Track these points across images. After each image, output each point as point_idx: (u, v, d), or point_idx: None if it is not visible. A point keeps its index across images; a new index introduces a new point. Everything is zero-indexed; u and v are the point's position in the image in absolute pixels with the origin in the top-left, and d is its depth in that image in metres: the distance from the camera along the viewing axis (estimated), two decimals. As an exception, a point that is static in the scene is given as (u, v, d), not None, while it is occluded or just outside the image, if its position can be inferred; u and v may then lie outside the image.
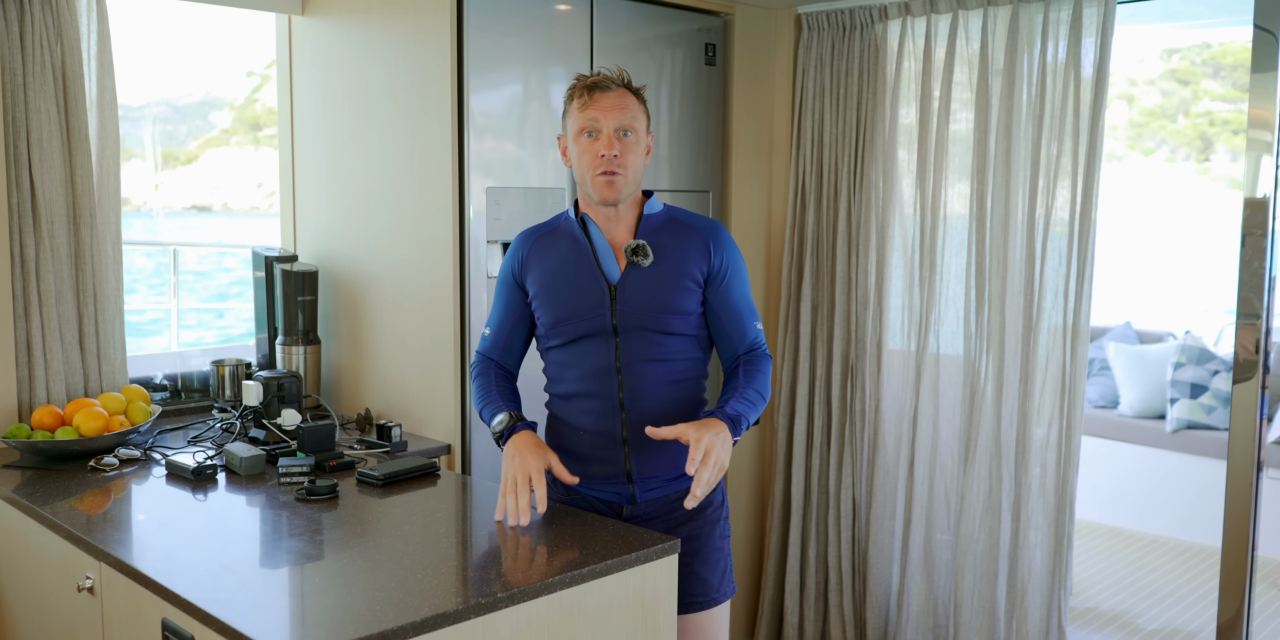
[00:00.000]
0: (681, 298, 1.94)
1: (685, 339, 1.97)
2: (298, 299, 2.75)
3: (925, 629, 2.97)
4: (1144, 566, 4.19)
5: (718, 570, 2.02)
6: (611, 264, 1.95)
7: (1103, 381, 5.18)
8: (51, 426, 2.31)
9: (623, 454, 1.96)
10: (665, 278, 1.93)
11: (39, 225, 2.39)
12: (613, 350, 1.94)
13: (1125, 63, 7.37)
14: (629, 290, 1.93)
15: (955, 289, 2.87)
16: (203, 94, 19.28)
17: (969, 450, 2.83)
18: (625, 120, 1.90)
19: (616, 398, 1.94)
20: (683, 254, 1.95)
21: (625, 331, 1.93)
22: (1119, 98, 7.75)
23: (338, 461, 2.24)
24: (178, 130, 21.09)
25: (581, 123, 1.90)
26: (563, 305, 1.95)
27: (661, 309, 1.93)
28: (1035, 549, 2.77)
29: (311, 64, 2.87)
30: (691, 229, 1.98)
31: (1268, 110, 2.40)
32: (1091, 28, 2.58)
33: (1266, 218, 2.42)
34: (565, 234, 2.00)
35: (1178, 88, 7.61)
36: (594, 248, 1.96)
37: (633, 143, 1.91)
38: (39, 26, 2.35)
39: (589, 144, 1.90)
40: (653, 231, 1.97)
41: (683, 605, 1.98)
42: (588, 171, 1.91)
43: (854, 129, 2.99)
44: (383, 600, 1.53)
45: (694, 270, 1.95)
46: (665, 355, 1.95)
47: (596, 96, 1.90)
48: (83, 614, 1.85)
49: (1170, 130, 7.94)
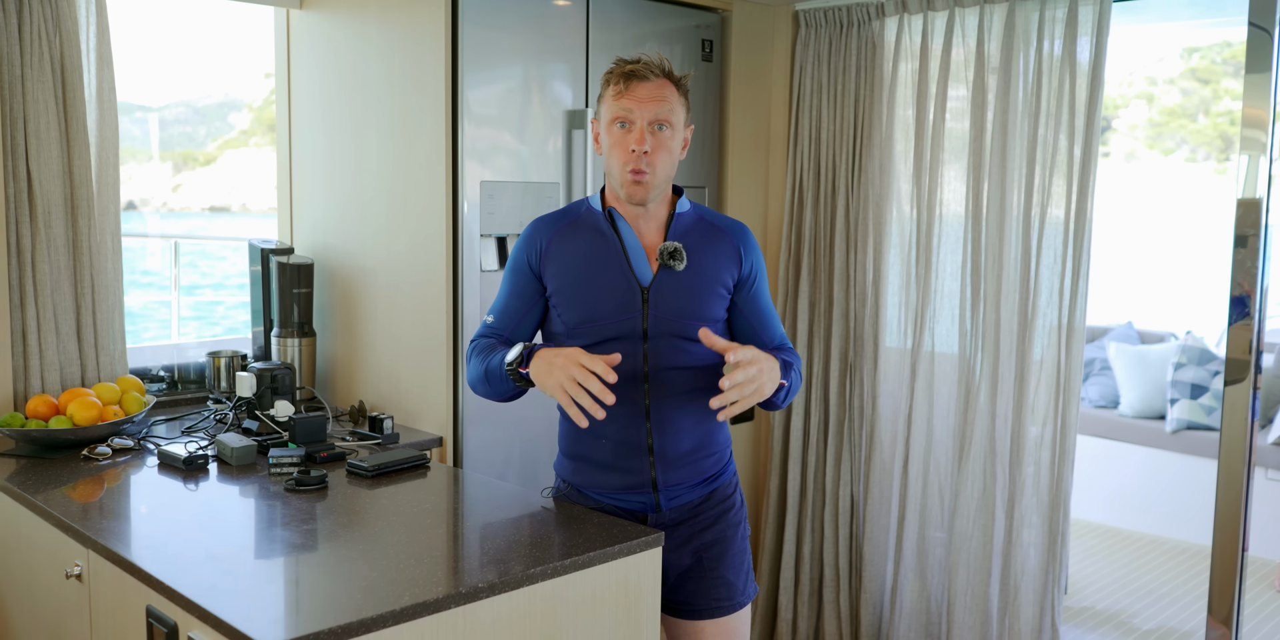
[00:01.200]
0: (713, 304, 1.88)
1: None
2: (293, 292, 2.77)
3: (919, 626, 2.98)
4: (1141, 566, 4.19)
5: (742, 572, 1.98)
6: (643, 264, 1.87)
7: (1103, 381, 5.17)
8: (46, 415, 2.33)
9: (648, 463, 1.89)
10: (698, 283, 1.86)
11: (35, 216, 2.41)
12: (640, 355, 1.85)
13: (1145, 62, 7.31)
14: (662, 294, 1.85)
15: (951, 286, 2.87)
16: (222, 95, 19.33)
17: (963, 448, 2.84)
18: (662, 112, 1.81)
19: (643, 404, 1.87)
20: (714, 258, 1.89)
21: (655, 337, 1.85)
22: (1139, 97, 7.70)
23: (329, 453, 2.25)
24: (196, 132, 21.14)
25: (615, 111, 1.81)
26: (591, 305, 1.85)
27: (693, 315, 1.86)
28: (1029, 547, 2.77)
29: (309, 58, 2.88)
30: (721, 231, 1.92)
31: (1262, 110, 2.39)
32: (1087, 25, 2.57)
33: (1260, 218, 2.41)
34: (589, 226, 1.90)
35: (1198, 87, 7.53)
36: (624, 246, 1.87)
37: (667, 137, 1.82)
38: (37, 19, 2.36)
39: (621, 135, 1.82)
40: (684, 232, 1.90)
41: (709, 610, 1.94)
42: (617, 165, 1.83)
43: (851, 126, 2.99)
44: (364, 589, 1.54)
45: (725, 276, 1.89)
46: (692, 362, 1.87)
47: (634, 85, 1.80)
48: (71, 601, 1.87)
49: (1190, 130, 7.86)
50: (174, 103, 20.50)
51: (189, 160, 22.41)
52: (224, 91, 19.51)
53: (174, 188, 22.05)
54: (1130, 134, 7.83)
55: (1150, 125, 7.92)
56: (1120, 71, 7.33)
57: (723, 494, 1.99)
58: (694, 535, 1.94)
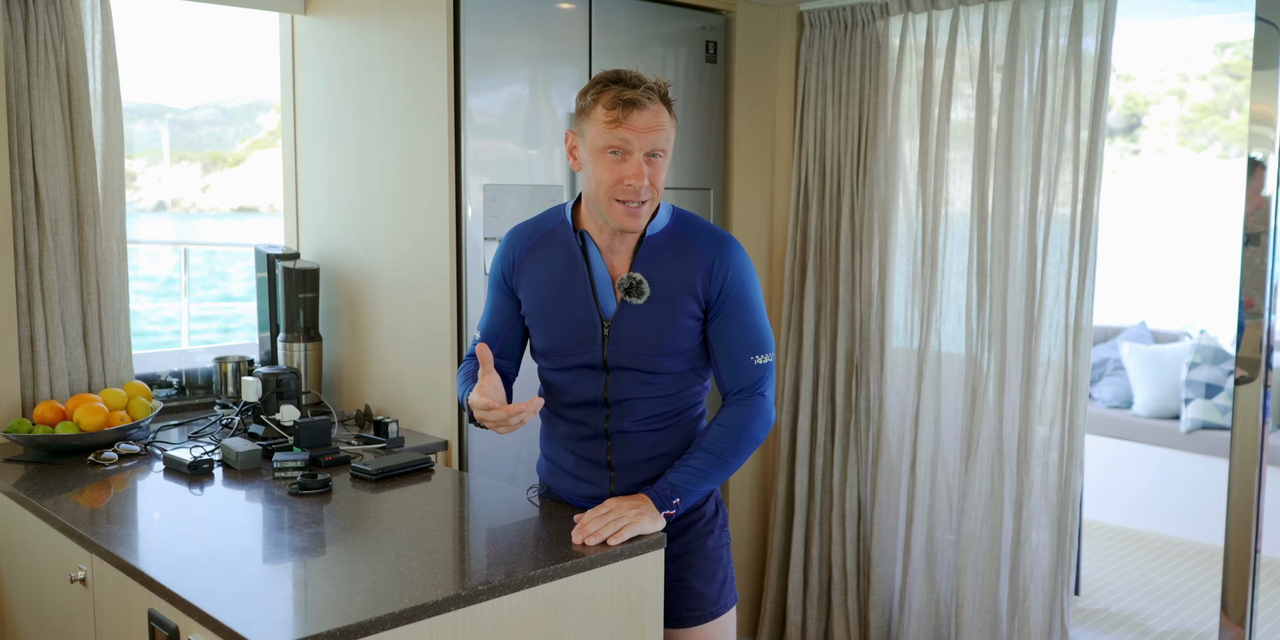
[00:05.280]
0: (677, 338, 1.82)
1: (676, 375, 1.87)
2: (299, 296, 2.77)
3: (928, 627, 2.96)
4: (1156, 568, 4.15)
5: (715, 582, 1.96)
6: (608, 295, 1.83)
7: (1117, 381, 5.14)
8: (52, 421, 2.34)
9: (608, 477, 1.92)
10: (660, 316, 1.81)
11: (42, 223, 2.42)
12: (602, 384, 1.86)
13: (1176, 58, 7.20)
14: (622, 329, 1.81)
15: (957, 287, 2.86)
16: (250, 97, 19.39)
17: (971, 449, 2.82)
18: (659, 142, 1.72)
19: (603, 428, 1.89)
20: (679, 285, 1.80)
21: (615, 369, 1.84)
22: (1170, 93, 7.61)
23: (333, 457, 2.25)
24: (225, 133, 21.25)
25: (609, 140, 1.71)
26: (553, 334, 1.85)
27: (656, 351, 1.82)
28: (1038, 548, 2.75)
29: (314, 63, 2.89)
30: (695, 249, 1.81)
31: (1270, 106, 2.37)
32: (1093, 23, 2.56)
33: (1269, 216, 2.39)
34: (561, 245, 1.85)
35: (1230, 83, 7.41)
36: (592, 275, 1.83)
37: (661, 165, 1.74)
38: (43, 26, 2.38)
39: (613, 163, 1.72)
40: (653, 254, 1.81)
41: (680, 620, 1.94)
42: (605, 193, 1.74)
43: (856, 126, 2.98)
44: (364, 592, 1.54)
45: (691, 304, 1.81)
46: (655, 392, 1.86)
47: (632, 114, 1.69)
48: (76, 605, 1.88)
49: (1223, 126, 7.74)
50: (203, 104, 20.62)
51: (218, 161, 22.51)
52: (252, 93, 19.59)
53: (203, 188, 22.18)
54: (1161, 131, 7.74)
55: (1182, 122, 7.82)
56: (1151, 68, 7.25)
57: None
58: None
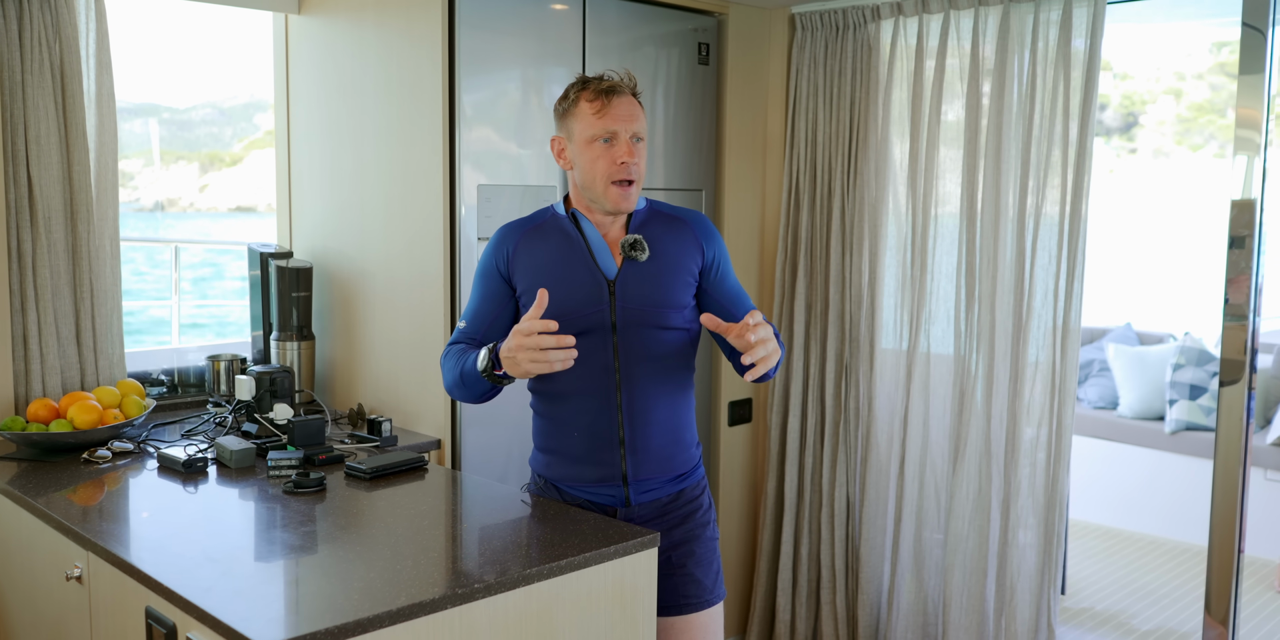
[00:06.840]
0: (680, 291, 1.95)
1: (680, 333, 1.96)
2: (292, 295, 2.78)
3: (915, 626, 2.99)
4: (1140, 567, 4.19)
5: (711, 571, 2.03)
6: (607, 259, 1.94)
7: (1102, 382, 5.18)
8: (46, 419, 2.34)
9: (619, 456, 1.94)
10: (662, 271, 1.93)
11: (36, 221, 2.42)
12: (610, 348, 1.92)
13: (1172, 56, 7.25)
14: (627, 285, 1.92)
15: (946, 288, 2.88)
16: (248, 97, 19.31)
17: (959, 449, 2.85)
18: (638, 127, 1.90)
19: (614, 397, 1.93)
20: (676, 246, 1.96)
21: (624, 328, 1.91)
22: (1166, 93, 7.65)
23: (327, 455, 2.26)
24: (223, 133, 21.14)
25: (596, 130, 1.87)
26: (559, 302, 1.88)
27: (661, 303, 1.92)
28: (1025, 548, 2.77)
29: (308, 62, 2.90)
30: (679, 221, 2.00)
31: (1256, 110, 2.41)
32: (1082, 27, 2.59)
33: (1253, 219, 2.42)
34: (554, 229, 1.97)
35: (1227, 81, 7.45)
36: (588, 243, 1.94)
37: (642, 149, 1.92)
38: (37, 25, 2.38)
39: (604, 150, 1.88)
40: (642, 225, 1.97)
41: (679, 607, 1.98)
42: (601, 179, 1.89)
43: (847, 128, 3.01)
44: (360, 590, 1.55)
45: (689, 263, 1.96)
46: (662, 352, 1.94)
47: (613, 102, 1.88)
48: (72, 603, 1.88)
49: (1219, 125, 7.79)
50: (200, 104, 20.51)
51: (215, 161, 22.43)
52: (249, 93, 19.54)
53: (201, 188, 22.07)
54: (1158, 130, 7.79)
55: (1178, 121, 7.87)
56: (1148, 67, 7.28)
57: (691, 494, 2.04)
58: (662, 533, 1.98)
